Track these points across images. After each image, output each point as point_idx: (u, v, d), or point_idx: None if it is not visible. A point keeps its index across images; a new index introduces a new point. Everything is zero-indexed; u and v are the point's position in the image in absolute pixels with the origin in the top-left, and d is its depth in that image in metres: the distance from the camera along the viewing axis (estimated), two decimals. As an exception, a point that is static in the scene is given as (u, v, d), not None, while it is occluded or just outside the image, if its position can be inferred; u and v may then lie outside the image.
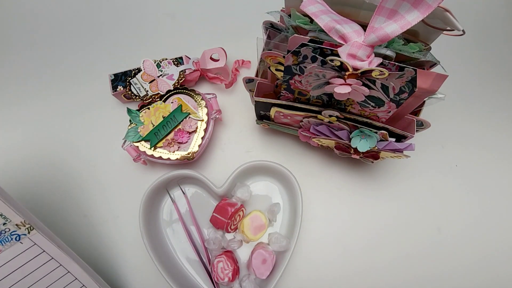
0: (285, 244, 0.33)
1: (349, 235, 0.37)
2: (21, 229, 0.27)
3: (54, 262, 0.29)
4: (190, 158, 0.35)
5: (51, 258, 0.29)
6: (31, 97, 0.43)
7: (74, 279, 0.30)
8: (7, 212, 0.27)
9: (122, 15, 0.47)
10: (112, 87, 0.39)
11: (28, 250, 0.28)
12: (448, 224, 0.37)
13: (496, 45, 0.46)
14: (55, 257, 0.29)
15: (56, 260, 0.29)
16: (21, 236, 0.27)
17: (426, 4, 0.20)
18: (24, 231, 0.27)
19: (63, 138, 0.41)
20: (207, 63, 0.40)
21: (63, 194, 0.38)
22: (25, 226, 0.27)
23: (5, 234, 0.27)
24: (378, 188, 0.38)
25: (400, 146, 0.28)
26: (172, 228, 0.36)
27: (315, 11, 0.24)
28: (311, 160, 0.39)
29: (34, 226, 0.28)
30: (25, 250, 0.28)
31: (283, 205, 0.37)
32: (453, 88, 0.38)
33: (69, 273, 0.30)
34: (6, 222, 0.27)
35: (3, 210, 0.26)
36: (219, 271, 0.32)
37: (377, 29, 0.22)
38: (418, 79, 0.23)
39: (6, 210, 0.26)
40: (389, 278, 0.36)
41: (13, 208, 0.27)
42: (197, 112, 0.37)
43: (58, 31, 0.46)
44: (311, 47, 0.23)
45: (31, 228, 0.28)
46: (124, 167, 0.39)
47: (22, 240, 0.28)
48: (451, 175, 0.39)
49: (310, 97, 0.29)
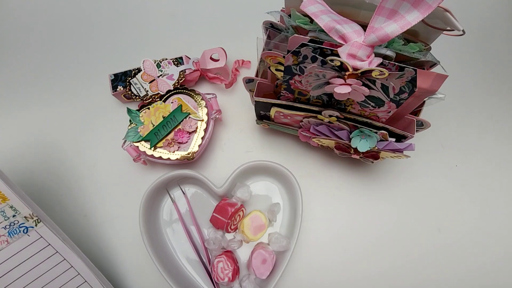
0: (285, 244, 0.33)
1: (349, 235, 0.37)
2: (29, 222, 0.28)
3: (58, 256, 0.29)
4: (190, 158, 0.35)
5: (55, 252, 0.29)
6: (30, 98, 0.43)
7: (77, 274, 0.30)
8: (17, 204, 0.27)
9: (122, 15, 0.47)
10: (112, 87, 0.39)
11: (34, 243, 0.28)
12: (448, 225, 0.37)
13: (496, 45, 0.46)
14: (59, 251, 0.29)
15: (60, 254, 0.29)
16: (29, 228, 0.28)
17: (426, 4, 0.20)
18: (31, 224, 0.28)
19: (63, 138, 0.41)
20: (207, 63, 0.40)
21: (63, 194, 0.38)
22: (33, 219, 0.28)
23: (14, 226, 0.27)
24: (378, 188, 0.38)
25: (400, 146, 0.28)
26: (172, 228, 0.36)
27: (315, 11, 0.24)
28: (311, 160, 0.39)
29: (41, 219, 0.28)
30: (32, 242, 0.28)
31: (283, 205, 0.37)
32: (453, 88, 0.38)
33: (72, 268, 0.30)
34: (16, 214, 0.27)
35: (13, 202, 0.27)
36: (219, 271, 0.32)
37: (377, 29, 0.22)
38: (418, 79, 0.23)
39: (16, 202, 0.27)
40: (389, 278, 0.36)
41: (22, 200, 0.27)
42: (197, 112, 0.37)
43: (58, 31, 0.46)
44: (311, 47, 0.23)
45: (38, 221, 0.28)
46: (124, 167, 0.39)
47: (30, 232, 0.28)
48: (451, 175, 0.39)
49: (310, 97, 0.29)
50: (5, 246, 0.27)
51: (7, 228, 0.27)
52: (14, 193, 0.27)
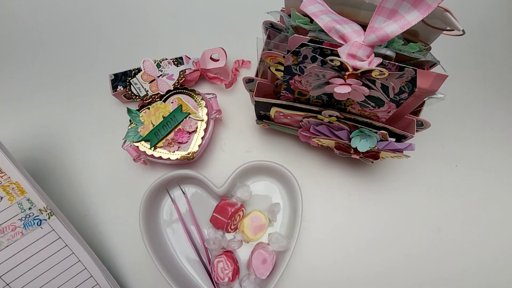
0: (285, 244, 0.33)
1: (349, 235, 0.37)
2: (43, 214, 0.29)
3: (67, 250, 0.30)
4: (190, 158, 0.35)
5: (65, 245, 0.30)
6: (30, 97, 0.43)
7: (84, 269, 0.31)
8: (33, 197, 0.28)
9: (122, 15, 0.47)
10: (112, 87, 0.39)
11: (46, 235, 0.29)
12: (448, 224, 0.37)
13: (496, 45, 0.46)
14: (69, 245, 0.30)
15: (69, 247, 0.30)
16: (42, 221, 0.29)
17: (426, 4, 0.20)
18: (45, 216, 0.29)
19: (63, 138, 0.41)
20: (207, 63, 0.40)
21: (63, 194, 0.38)
22: (46, 212, 0.29)
23: (29, 218, 0.28)
24: (378, 188, 0.38)
25: (400, 146, 0.28)
26: (172, 228, 0.36)
27: (315, 11, 0.24)
28: (311, 160, 0.39)
29: (54, 212, 0.29)
30: (44, 235, 0.29)
31: (283, 205, 0.37)
32: (453, 88, 0.39)
33: (79, 262, 0.30)
34: (32, 206, 0.28)
35: (30, 195, 0.28)
36: (219, 271, 0.32)
37: (377, 29, 0.22)
38: (418, 79, 0.23)
39: (32, 195, 0.28)
40: (389, 278, 0.36)
41: (38, 193, 0.28)
42: (197, 112, 0.37)
43: (58, 31, 0.46)
44: (311, 47, 0.23)
45: (51, 214, 0.29)
46: (124, 167, 0.39)
47: (43, 225, 0.29)
48: (451, 175, 0.39)
49: (310, 97, 0.29)
50: (19, 237, 0.28)
51: (23, 220, 0.28)
52: (31, 186, 0.28)
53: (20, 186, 0.27)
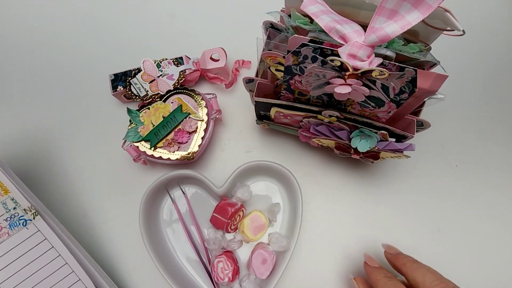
0: (285, 244, 0.33)
1: (349, 235, 0.37)
2: (28, 214, 0.28)
3: (54, 251, 0.29)
4: (190, 158, 0.35)
5: (51, 247, 0.29)
6: (30, 97, 0.43)
7: (71, 272, 0.30)
8: (17, 196, 0.27)
9: (122, 15, 0.47)
10: (112, 87, 0.39)
11: (32, 236, 0.28)
12: (448, 224, 0.37)
13: (497, 45, 0.46)
14: (55, 246, 0.29)
15: (55, 249, 0.29)
16: (27, 221, 0.28)
17: (427, 5, 0.20)
18: (30, 216, 0.28)
19: (63, 138, 0.41)
20: (207, 63, 0.40)
21: (63, 194, 0.38)
22: (31, 211, 0.28)
23: (14, 218, 0.28)
24: (378, 188, 0.38)
25: (400, 146, 0.28)
26: (172, 228, 0.36)
27: (315, 11, 0.24)
28: (311, 160, 0.39)
29: (39, 212, 0.28)
30: (30, 236, 0.28)
31: (283, 205, 0.37)
32: (454, 88, 0.39)
33: (67, 265, 0.30)
34: (16, 206, 0.28)
35: (14, 195, 0.27)
36: (219, 271, 0.32)
37: (377, 29, 0.22)
38: (418, 79, 0.23)
39: (16, 195, 0.27)
40: (389, 278, 0.36)
41: (23, 192, 0.28)
42: (197, 112, 0.37)
43: (58, 31, 0.46)
44: (311, 47, 0.23)
45: (36, 214, 0.28)
46: (124, 167, 0.39)
47: (28, 225, 0.28)
48: (451, 175, 0.39)
49: (310, 97, 0.29)
50: (6, 238, 0.28)
51: (8, 220, 0.27)
52: (15, 186, 0.27)
53: (3, 185, 0.27)
